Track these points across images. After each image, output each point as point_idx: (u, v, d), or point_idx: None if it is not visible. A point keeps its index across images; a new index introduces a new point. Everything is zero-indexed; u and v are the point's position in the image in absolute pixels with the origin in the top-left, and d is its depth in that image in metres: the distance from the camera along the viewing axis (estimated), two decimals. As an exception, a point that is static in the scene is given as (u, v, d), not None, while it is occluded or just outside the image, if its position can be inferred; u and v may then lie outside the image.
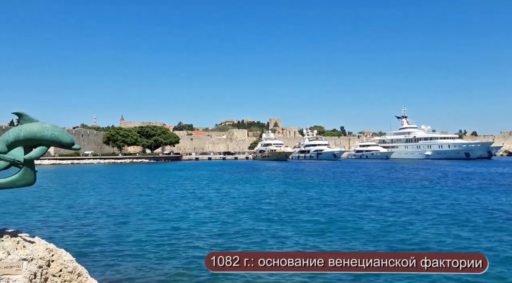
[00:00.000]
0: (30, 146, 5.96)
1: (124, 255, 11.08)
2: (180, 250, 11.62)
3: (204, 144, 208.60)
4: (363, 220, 16.45)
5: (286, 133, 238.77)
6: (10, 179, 5.99)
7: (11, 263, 5.47)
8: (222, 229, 14.83)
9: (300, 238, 13.29)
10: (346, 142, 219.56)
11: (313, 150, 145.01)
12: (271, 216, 17.66)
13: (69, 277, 6.13)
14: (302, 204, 21.94)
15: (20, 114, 5.94)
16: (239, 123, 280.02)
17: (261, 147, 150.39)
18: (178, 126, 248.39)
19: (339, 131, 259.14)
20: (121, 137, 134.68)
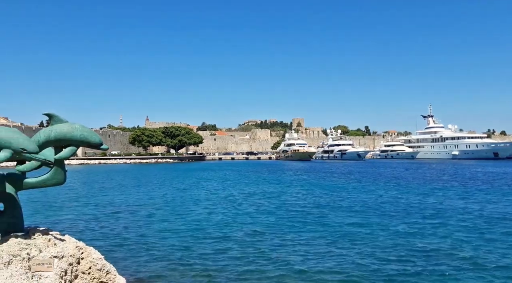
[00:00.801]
0: (60, 146, 6.13)
1: (151, 253, 11.23)
2: (206, 250, 11.68)
3: (227, 144, 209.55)
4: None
5: (309, 133, 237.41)
6: (41, 178, 6.16)
7: (43, 260, 5.62)
8: (246, 229, 14.83)
9: (326, 240, 13.17)
10: (370, 141, 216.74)
11: (337, 149, 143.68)
12: (302, 218, 17.50)
13: (98, 274, 6.26)
14: (328, 205, 21.74)
15: (51, 115, 6.10)
16: (262, 123, 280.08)
17: (284, 147, 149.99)
18: (201, 127, 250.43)
19: (364, 131, 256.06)
20: (146, 137, 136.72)
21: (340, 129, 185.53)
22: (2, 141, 5.21)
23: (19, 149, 5.23)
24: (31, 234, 6.14)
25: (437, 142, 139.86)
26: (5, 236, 5.85)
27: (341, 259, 10.60)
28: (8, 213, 5.99)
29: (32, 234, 6.14)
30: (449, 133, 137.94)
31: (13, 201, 6.01)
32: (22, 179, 6.13)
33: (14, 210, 6.02)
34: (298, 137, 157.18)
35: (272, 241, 12.74)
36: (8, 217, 5.98)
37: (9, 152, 5.21)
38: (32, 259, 5.60)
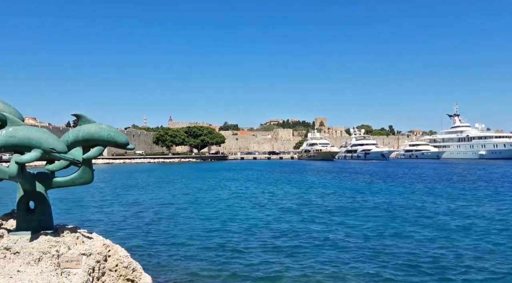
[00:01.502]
0: (88, 146, 6.26)
1: (176, 252, 11.35)
2: (230, 250, 11.71)
3: (249, 144, 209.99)
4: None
5: (332, 133, 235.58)
6: (70, 178, 6.31)
7: (72, 257, 5.75)
8: (271, 230, 14.81)
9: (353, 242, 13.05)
10: (394, 141, 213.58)
11: (360, 149, 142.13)
12: (325, 219, 17.37)
13: (124, 272, 6.36)
14: (352, 206, 21.54)
15: (79, 116, 6.23)
16: (284, 123, 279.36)
17: (306, 147, 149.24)
18: (224, 127, 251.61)
19: (388, 130, 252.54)
20: (169, 137, 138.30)
21: (363, 128, 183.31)
22: (33, 141, 5.35)
23: (49, 148, 5.36)
24: (60, 232, 6.28)
25: (464, 141, 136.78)
26: (35, 234, 6.00)
27: (369, 261, 10.48)
28: (38, 211, 6.15)
29: (61, 232, 6.28)
30: (476, 132, 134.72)
31: (43, 199, 6.16)
32: (52, 178, 6.28)
33: (44, 208, 6.17)
34: (321, 137, 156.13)
35: (296, 242, 12.69)
36: (38, 215, 6.14)
37: (39, 152, 5.34)
38: (61, 256, 5.73)
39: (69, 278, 5.54)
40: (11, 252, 5.99)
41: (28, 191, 6.06)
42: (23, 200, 6.11)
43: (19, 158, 5.39)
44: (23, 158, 5.34)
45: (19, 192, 6.13)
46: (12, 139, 5.34)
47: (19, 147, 5.44)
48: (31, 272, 5.47)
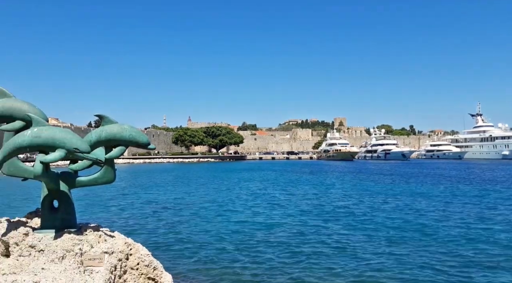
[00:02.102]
0: (110, 146, 6.35)
1: (196, 252, 11.42)
2: (250, 250, 11.71)
3: (268, 144, 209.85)
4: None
5: (351, 133, 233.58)
6: (93, 177, 6.41)
7: (94, 255, 5.83)
8: (290, 231, 14.76)
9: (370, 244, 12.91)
10: (415, 141, 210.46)
11: (380, 149, 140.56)
12: (345, 221, 17.23)
13: (145, 270, 6.43)
14: (372, 207, 21.30)
15: (102, 116, 6.33)
16: (303, 123, 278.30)
17: (325, 147, 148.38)
18: (242, 127, 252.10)
19: (408, 130, 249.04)
20: (188, 137, 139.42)
21: (383, 128, 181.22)
22: (57, 141, 5.45)
23: (73, 148, 5.45)
24: (83, 230, 6.38)
25: (486, 141, 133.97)
26: (59, 232, 6.11)
27: (392, 264, 10.35)
28: (62, 210, 6.26)
29: (84, 230, 6.38)
30: (499, 132, 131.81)
31: (67, 198, 6.28)
32: (75, 177, 6.39)
33: (67, 207, 6.29)
34: (340, 137, 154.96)
35: (317, 244, 12.60)
36: (62, 214, 6.25)
37: (63, 152, 5.44)
38: (84, 254, 5.82)
39: (92, 276, 5.62)
40: (36, 250, 6.13)
41: (52, 190, 6.18)
42: (47, 199, 6.23)
43: (44, 157, 5.50)
44: (48, 158, 5.45)
45: (43, 191, 6.26)
46: (37, 140, 5.45)
47: (43, 147, 5.55)
48: (55, 270, 5.58)
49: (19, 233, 6.22)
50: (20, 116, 6.05)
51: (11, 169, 6.18)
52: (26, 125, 5.98)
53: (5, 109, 6.12)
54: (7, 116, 6.14)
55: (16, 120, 6.09)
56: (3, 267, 5.99)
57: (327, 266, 9.99)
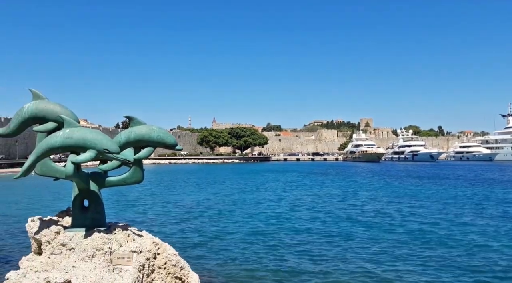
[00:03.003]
0: (139, 147, 6.46)
1: (221, 252, 11.46)
2: (276, 252, 11.66)
3: (293, 145, 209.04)
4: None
5: (378, 134, 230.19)
6: (122, 177, 6.53)
7: (123, 254, 5.93)
8: (316, 234, 14.65)
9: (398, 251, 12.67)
10: (444, 142, 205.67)
11: (408, 150, 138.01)
12: (373, 224, 16.98)
13: (172, 269, 6.49)
14: (401, 211, 20.92)
15: (131, 118, 6.45)
16: (328, 123, 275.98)
17: (351, 148, 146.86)
18: (266, 127, 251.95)
19: (436, 131, 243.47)
20: (213, 138, 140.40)
21: (411, 129, 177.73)
22: (88, 142, 5.58)
23: (103, 149, 5.57)
24: (112, 229, 6.51)
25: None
26: (89, 231, 6.25)
27: (423, 268, 10.15)
28: (92, 209, 6.40)
29: (113, 229, 6.50)
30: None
31: (97, 197, 6.42)
32: (105, 177, 6.53)
33: (97, 206, 6.42)
34: (366, 138, 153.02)
35: (344, 247, 12.46)
36: (92, 213, 6.39)
37: (94, 152, 5.57)
38: (113, 253, 5.92)
39: (121, 275, 5.71)
40: (67, 248, 6.28)
41: (83, 190, 6.32)
42: (78, 198, 6.39)
43: (75, 158, 5.63)
44: (79, 158, 5.58)
45: (74, 191, 6.41)
46: (69, 141, 5.59)
47: (75, 148, 5.68)
48: (85, 268, 5.70)
49: (51, 231, 6.39)
50: (53, 117, 6.23)
51: (44, 169, 6.36)
52: (58, 126, 6.14)
53: (38, 111, 6.31)
54: (40, 118, 6.33)
55: (49, 122, 6.27)
56: (36, 264, 6.16)
57: (353, 270, 9.86)
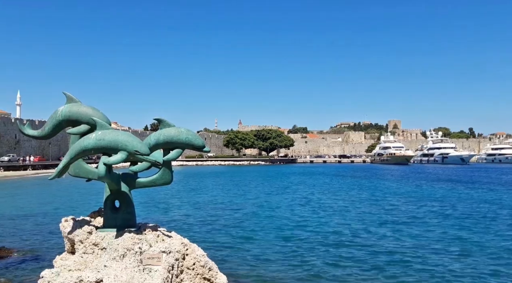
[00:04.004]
0: (168, 148, 6.55)
1: (249, 254, 11.49)
2: (305, 254, 11.60)
3: (319, 147, 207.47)
4: None
5: (406, 136, 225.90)
6: (152, 178, 6.63)
7: (153, 254, 6.01)
8: (344, 238, 14.47)
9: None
10: (475, 144, 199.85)
11: (437, 153, 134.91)
12: (408, 229, 16.60)
13: (201, 270, 6.54)
14: (432, 215, 20.47)
15: (160, 120, 6.55)
16: (355, 125, 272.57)
17: (379, 150, 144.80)
18: (292, 130, 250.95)
19: (467, 133, 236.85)
20: (239, 140, 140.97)
21: (441, 131, 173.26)
22: (119, 144, 5.69)
23: (133, 150, 5.67)
24: (142, 230, 6.60)
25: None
26: (120, 231, 6.37)
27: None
28: (123, 210, 6.53)
29: (143, 230, 6.60)
30: None
31: (127, 198, 6.54)
32: (135, 178, 6.64)
33: (128, 207, 6.54)
34: (395, 140, 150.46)
35: (373, 252, 12.27)
36: (123, 213, 6.52)
37: (125, 154, 5.68)
38: (144, 253, 6.00)
39: (151, 275, 5.79)
40: (99, 247, 6.42)
41: (114, 191, 6.45)
42: (109, 199, 6.52)
43: (107, 159, 5.76)
44: (111, 160, 5.70)
45: (106, 192, 6.55)
46: (101, 142, 5.73)
47: (107, 149, 5.82)
48: (117, 267, 5.81)
49: (83, 231, 6.55)
50: (86, 120, 6.39)
51: (77, 170, 6.53)
52: (91, 129, 6.30)
53: (72, 113, 6.49)
54: (73, 120, 6.51)
55: (82, 124, 6.44)
56: (69, 263, 6.33)
57: (385, 276, 9.70)
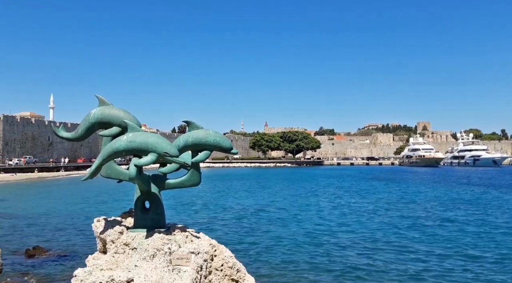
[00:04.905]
0: (196, 150, 6.62)
1: (276, 256, 11.48)
2: (333, 258, 11.50)
3: (346, 149, 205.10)
4: None
5: (436, 138, 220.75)
6: (180, 180, 6.72)
7: (182, 255, 6.07)
8: (375, 241, 14.28)
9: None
10: (508, 146, 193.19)
11: (468, 155, 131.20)
12: (440, 235, 16.23)
13: (229, 272, 6.57)
14: (467, 220, 19.92)
15: (189, 122, 6.64)
16: (383, 127, 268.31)
17: (408, 152, 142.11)
18: (319, 131, 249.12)
19: (499, 134, 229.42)
20: (265, 142, 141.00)
21: (471, 133, 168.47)
22: (150, 145, 5.81)
23: (163, 152, 5.77)
24: (171, 230, 6.69)
25: None
26: (150, 231, 6.47)
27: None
28: (153, 210, 6.64)
29: (172, 230, 6.69)
30: None
31: (157, 199, 6.64)
32: (164, 180, 6.74)
33: (157, 207, 6.65)
34: (424, 142, 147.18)
35: (404, 257, 12.06)
36: (153, 214, 6.62)
37: (155, 155, 5.79)
38: (173, 254, 6.08)
39: (180, 275, 5.86)
40: (130, 247, 6.54)
41: (144, 192, 6.57)
42: (140, 199, 6.64)
43: (138, 161, 5.88)
44: (141, 161, 5.82)
45: (136, 192, 6.68)
46: (132, 144, 5.86)
47: (137, 151, 5.94)
48: (147, 267, 5.91)
49: (115, 231, 6.69)
50: (117, 122, 6.54)
51: (109, 172, 6.69)
52: (122, 131, 6.44)
53: (104, 116, 6.66)
54: (105, 122, 6.68)
55: (113, 127, 6.60)
56: (101, 262, 6.48)
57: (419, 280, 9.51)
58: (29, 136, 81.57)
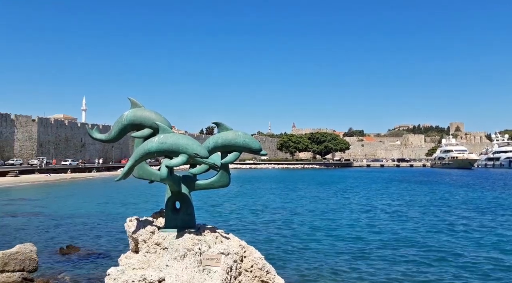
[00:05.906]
0: (225, 151, 6.67)
1: (306, 258, 11.40)
2: (365, 261, 11.33)
3: (376, 150, 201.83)
4: None
5: (469, 139, 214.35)
6: (210, 181, 6.78)
7: (212, 255, 6.12)
8: (408, 245, 13.97)
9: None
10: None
11: (503, 157, 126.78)
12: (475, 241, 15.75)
13: (259, 273, 6.57)
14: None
15: (218, 123, 6.69)
16: (414, 128, 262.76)
17: (440, 154, 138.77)
18: (348, 133, 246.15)
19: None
20: (293, 143, 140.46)
21: (507, 133, 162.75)
22: (180, 147, 5.88)
23: (193, 153, 5.83)
24: (202, 231, 6.75)
25: None
26: (180, 232, 6.55)
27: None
28: (183, 211, 6.72)
29: (202, 231, 6.75)
30: None
31: (187, 200, 6.72)
32: (194, 180, 6.81)
33: (188, 208, 6.73)
34: (457, 143, 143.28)
35: (439, 263, 11.74)
36: (184, 214, 6.70)
37: (185, 157, 5.86)
38: (203, 254, 6.13)
39: (210, 275, 5.90)
40: (161, 247, 6.64)
41: (175, 192, 6.66)
42: (170, 200, 6.74)
43: (169, 162, 5.97)
44: (172, 162, 5.90)
45: (167, 193, 6.77)
46: (163, 145, 5.95)
47: (168, 152, 6.03)
48: (178, 267, 5.97)
49: (146, 231, 6.80)
50: (149, 124, 6.66)
51: (140, 172, 6.81)
52: (153, 132, 6.55)
53: (136, 118, 6.79)
54: (137, 124, 6.81)
55: (145, 128, 6.72)
56: (133, 262, 6.60)
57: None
58: (63, 138, 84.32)
